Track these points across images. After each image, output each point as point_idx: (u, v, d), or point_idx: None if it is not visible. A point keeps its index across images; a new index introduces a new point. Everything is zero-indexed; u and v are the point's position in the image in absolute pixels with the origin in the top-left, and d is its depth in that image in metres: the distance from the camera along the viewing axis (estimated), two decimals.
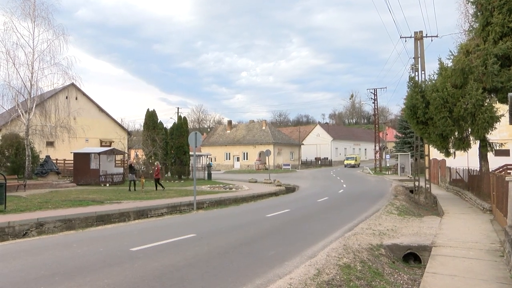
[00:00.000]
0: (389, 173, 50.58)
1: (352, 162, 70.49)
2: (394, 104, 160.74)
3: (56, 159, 32.83)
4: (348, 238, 10.21)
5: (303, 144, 78.45)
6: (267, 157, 43.00)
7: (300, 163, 73.36)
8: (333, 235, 10.87)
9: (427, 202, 23.14)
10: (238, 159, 71.37)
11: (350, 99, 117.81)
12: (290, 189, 31.42)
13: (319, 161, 79.32)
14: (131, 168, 26.36)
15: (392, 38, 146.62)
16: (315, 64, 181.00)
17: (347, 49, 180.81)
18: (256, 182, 36.47)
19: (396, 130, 69.34)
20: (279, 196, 26.28)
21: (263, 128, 71.84)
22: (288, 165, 65.91)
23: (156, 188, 24.84)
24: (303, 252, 8.76)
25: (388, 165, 58.31)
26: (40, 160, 29.65)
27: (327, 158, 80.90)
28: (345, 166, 69.99)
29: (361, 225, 12.69)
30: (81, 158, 29.61)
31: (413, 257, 9.50)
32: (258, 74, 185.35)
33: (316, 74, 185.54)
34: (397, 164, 48.73)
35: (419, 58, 24.40)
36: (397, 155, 49.72)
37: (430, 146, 21.16)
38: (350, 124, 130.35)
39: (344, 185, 32.75)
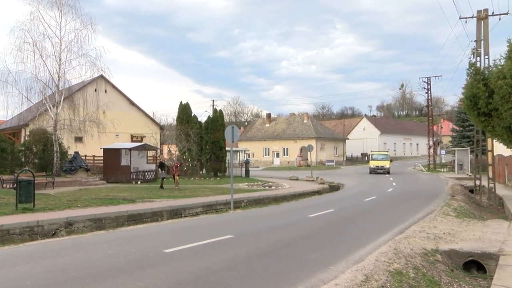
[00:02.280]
0: (445, 170, 49.17)
1: (382, 163, 45.96)
2: (451, 94, 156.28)
3: (85, 155, 33.79)
4: (399, 242, 9.98)
5: (348, 139, 77.43)
6: (309, 153, 42.68)
7: (344, 159, 72.48)
8: (382, 238, 10.66)
9: (490, 203, 22.32)
10: (277, 155, 71.29)
11: (400, 89, 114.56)
12: (334, 187, 31.17)
13: (366, 157, 78.12)
14: (161, 166, 26.86)
15: (449, 20, 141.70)
16: (361, 51, 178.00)
17: (397, 34, 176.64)
18: (297, 179, 36.35)
19: (452, 122, 67.17)
20: (322, 195, 26.10)
21: (305, 121, 71.37)
22: (332, 161, 65.25)
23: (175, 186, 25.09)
24: (349, 255, 8.64)
25: (443, 161, 56.65)
26: (69, 156, 30.67)
27: None
28: (370, 172, 45.78)
29: (413, 227, 12.39)
30: (111, 154, 30.43)
31: (476, 265, 9.12)
32: (299, 63, 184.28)
33: (362, 63, 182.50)
34: (454, 160, 47.28)
35: (482, 41, 23.46)
36: (454, 150, 48.21)
37: (494, 140, 20.36)
38: (400, 117, 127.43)
39: (394, 183, 32.13)
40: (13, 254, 9.03)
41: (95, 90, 33.51)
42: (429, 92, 54.74)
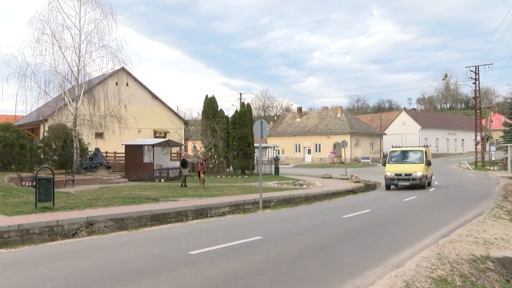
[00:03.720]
0: (495, 168, 47.94)
1: (410, 168, 26.90)
2: (503, 84, 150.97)
3: (106, 152, 34.36)
4: (443, 246, 9.78)
5: (385, 134, 76.49)
6: (343, 149, 42.35)
7: (381, 156, 71.58)
8: (423, 242, 10.46)
9: None
10: (309, 151, 71.10)
11: (443, 79, 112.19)
12: (370, 186, 30.91)
13: None
14: (183, 163, 27.09)
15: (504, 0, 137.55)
16: (400, 39, 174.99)
17: (441, 19, 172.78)
18: (330, 177, 36.16)
19: (505, 116, 65.28)
20: (358, 194, 25.91)
21: (338, 115, 70.93)
22: (368, 158, 64.69)
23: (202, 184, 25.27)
24: (387, 260, 8.52)
25: (493, 159, 55.27)
26: (89, 153, 31.28)
27: None
28: (387, 187, 27.69)
29: (459, 230, 12.12)
30: (133, 151, 30.91)
31: None
32: (333, 53, 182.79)
33: (401, 52, 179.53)
34: (506, 158, 46.10)
35: None
36: (507, 146, 46.98)
37: None
38: (443, 110, 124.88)
39: (436, 182, 31.55)
40: (33, 254, 9.27)
41: (116, 84, 33.95)
42: (477, 82, 53.44)
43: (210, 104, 39.15)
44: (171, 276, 7.20)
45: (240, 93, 73.85)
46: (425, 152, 27.54)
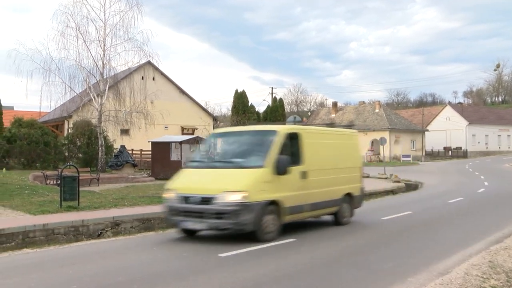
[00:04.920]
0: None
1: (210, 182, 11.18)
2: None
3: (132, 149, 34.89)
4: (496, 253, 9.48)
5: (427, 130, 75.27)
6: (381, 147, 41.85)
7: (423, 153, 70.59)
8: (472, 248, 10.22)
9: None
10: None
11: (495, 70, 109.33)
12: (411, 186, 30.44)
13: (450, 152, 75.65)
14: None
15: None
16: (445, 28, 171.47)
17: (492, 3, 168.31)
18: (367, 177, 35.55)
19: None
20: (398, 195, 25.57)
21: (376, 110, 70.21)
22: (409, 156, 63.73)
23: None
24: (431, 266, 8.37)
25: None
26: (114, 151, 31.81)
27: (461, 147, 76.85)
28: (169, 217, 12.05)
29: None
30: (160, 148, 31.23)
31: None
32: (371, 44, 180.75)
33: (446, 41, 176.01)
34: None
35: None
36: None
37: None
38: (494, 104, 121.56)
39: (486, 183, 30.85)
40: (58, 255, 9.50)
41: (142, 78, 34.42)
42: None
43: (240, 99, 39.38)
44: (200, 279, 7.27)
45: (272, 88, 73.71)
46: (289, 136, 11.61)
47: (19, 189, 17.32)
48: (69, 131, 34.21)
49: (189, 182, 11.25)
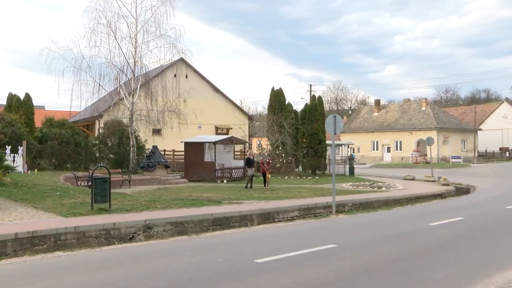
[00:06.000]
0: None
1: None
2: None
3: (164, 150, 35.26)
4: None
5: (480, 130, 73.68)
6: (428, 147, 41.16)
7: (476, 154, 69.12)
8: None
9: None
10: (388, 149, 69.81)
11: None
12: (462, 190, 29.93)
13: (507, 153, 73.83)
14: (248, 162, 27.34)
15: None
16: (503, 16, 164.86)
17: None
18: (413, 179, 35.32)
19: None
20: (447, 199, 25.17)
21: (423, 108, 69.13)
22: (459, 157, 62.51)
23: (265, 185, 25.29)
24: (488, 277, 8.20)
25: None
26: (146, 151, 32.27)
27: None
28: None
29: None
30: (193, 149, 31.56)
31: None
32: (418, 37, 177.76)
33: (503, 31, 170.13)
34: None
35: None
36: None
37: None
38: None
39: None
40: (90, 258, 9.72)
41: (175, 76, 34.70)
42: None
43: (277, 97, 39.25)
44: (236, 286, 7.33)
45: (310, 85, 73.20)
46: None
47: (50, 191, 17.77)
48: (100, 131, 34.89)
49: None
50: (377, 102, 79.04)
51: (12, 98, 33.56)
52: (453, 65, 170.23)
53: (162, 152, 33.22)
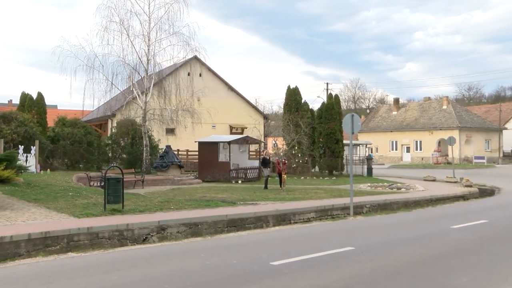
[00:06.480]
0: None
1: None
2: None
3: (178, 150, 35.38)
4: None
5: (505, 129, 72.89)
6: (449, 147, 40.83)
7: (501, 155, 68.46)
8: None
9: None
10: (408, 149, 69.48)
11: None
12: (485, 192, 29.60)
13: None
14: (264, 162, 27.35)
15: None
16: None
17: None
18: (434, 180, 35.06)
19: None
20: (470, 201, 24.92)
21: (444, 107, 68.64)
22: (482, 158, 61.97)
23: (281, 186, 25.33)
24: None
25: None
26: (159, 151, 32.44)
27: None
28: None
29: None
30: (208, 149, 31.65)
31: None
32: (439, 33, 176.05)
33: None
34: None
35: None
36: None
37: None
38: None
39: None
40: (103, 260, 9.81)
41: (189, 74, 34.79)
42: None
43: (293, 95, 39.21)
44: None
45: (327, 83, 73.25)
46: None
47: (63, 191, 17.94)
48: (113, 130, 35.14)
49: None
50: (396, 100, 78.61)
51: (25, 97, 33.96)
52: (477, 61, 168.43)
53: (176, 152, 33.35)
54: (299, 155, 36.42)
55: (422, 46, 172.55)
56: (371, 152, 66.07)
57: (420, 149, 67.74)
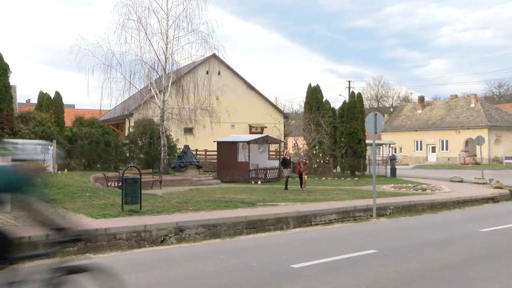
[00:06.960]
0: None
1: None
2: None
3: (196, 150, 35.51)
4: None
5: None
6: (478, 147, 40.49)
7: None
8: None
9: None
10: (433, 149, 68.86)
11: None
12: None
13: None
14: (284, 162, 27.33)
15: None
16: None
17: None
18: (461, 181, 34.68)
19: None
20: (500, 203, 24.59)
21: (472, 105, 67.86)
22: None
23: (301, 186, 25.31)
24: None
25: None
26: (178, 151, 32.61)
27: None
28: None
29: None
30: (226, 148, 31.72)
31: None
32: (467, 28, 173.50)
33: None
34: None
35: None
36: None
37: None
38: None
39: None
40: (121, 261, 9.86)
41: (207, 73, 34.93)
42: None
43: (314, 94, 39.10)
44: None
45: (349, 81, 73.03)
46: None
47: (80, 191, 18.12)
48: (130, 130, 35.40)
49: None
50: (421, 99, 77.88)
51: (42, 96, 34.45)
52: (508, 57, 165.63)
53: (194, 152, 33.49)
54: (320, 155, 36.28)
55: (449, 42, 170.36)
56: (395, 152, 65.54)
57: (446, 149, 67.08)
